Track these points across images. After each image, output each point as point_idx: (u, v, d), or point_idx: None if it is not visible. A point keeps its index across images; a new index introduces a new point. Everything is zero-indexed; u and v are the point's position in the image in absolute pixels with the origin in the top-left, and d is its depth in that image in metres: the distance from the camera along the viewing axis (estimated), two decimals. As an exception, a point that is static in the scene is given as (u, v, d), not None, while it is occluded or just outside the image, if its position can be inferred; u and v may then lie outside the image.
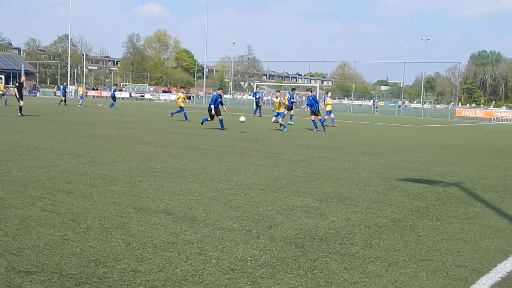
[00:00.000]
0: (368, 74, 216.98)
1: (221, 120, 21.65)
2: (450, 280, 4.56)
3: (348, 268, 4.77)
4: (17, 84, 26.65)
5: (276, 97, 24.04)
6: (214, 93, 22.42)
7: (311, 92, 25.11)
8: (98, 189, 7.84)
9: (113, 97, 44.09)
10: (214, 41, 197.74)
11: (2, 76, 73.24)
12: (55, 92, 77.29)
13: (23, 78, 27.36)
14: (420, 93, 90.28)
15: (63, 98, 43.16)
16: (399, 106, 66.44)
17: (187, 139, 16.48)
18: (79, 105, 40.92)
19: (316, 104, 24.06)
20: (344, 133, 22.76)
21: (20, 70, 73.35)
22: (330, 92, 29.70)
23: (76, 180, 8.49)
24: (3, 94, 38.27)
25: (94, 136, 16.23)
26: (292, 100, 30.41)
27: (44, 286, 4.04)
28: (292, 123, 28.59)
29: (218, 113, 21.70)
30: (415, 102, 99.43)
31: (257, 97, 39.40)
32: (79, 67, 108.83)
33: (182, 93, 30.59)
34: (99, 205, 6.81)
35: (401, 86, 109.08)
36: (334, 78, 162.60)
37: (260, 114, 37.16)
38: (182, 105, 28.67)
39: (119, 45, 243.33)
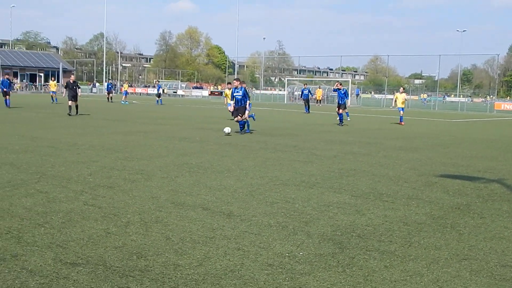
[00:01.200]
0: (401, 68, 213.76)
1: (240, 122, 17.61)
2: (495, 280, 4.48)
3: (387, 266, 4.76)
4: (65, 83, 25.83)
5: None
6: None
7: (342, 86, 25.07)
8: (137, 184, 8.02)
9: (159, 94, 44.12)
10: (244, 37, 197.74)
11: (42, 74, 74.95)
12: (91, 89, 78.60)
13: (72, 77, 25.14)
14: (456, 86, 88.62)
15: (109, 96, 43.76)
16: (424, 100, 65.06)
17: (220, 134, 16.61)
18: (122, 102, 41.59)
19: (345, 99, 24.21)
20: (378, 128, 22.56)
21: (58, 68, 74.78)
22: (402, 88, 28.26)
23: (116, 175, 8.69)
24: (54, 92, 39.04)
25: (130, 132, 16.52)
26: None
27: (90, 278, 4.19)
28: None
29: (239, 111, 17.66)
30: (452, 95, 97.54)
31: (305, 93, 37.55)
32: (113, 65, 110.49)
33: (228, 89, 30.66)
34: (139, 199, 6.97)
35: (436, 79, 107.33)
36: (366, 72, 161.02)
37: (308, 111, 35.35)
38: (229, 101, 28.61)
39: (152, 43, 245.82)
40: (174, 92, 76.08)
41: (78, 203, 6.67)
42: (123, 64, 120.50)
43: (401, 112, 25.99)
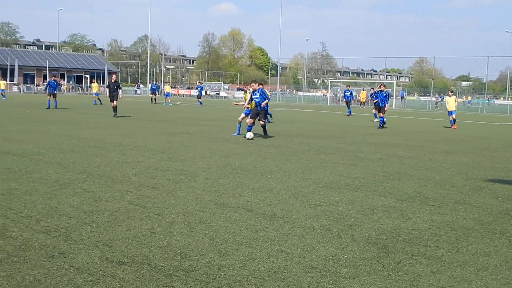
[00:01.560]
0: (448, 69, 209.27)
1: (262, 126, 16.62)
2: (543, 287, 4.33)
3: (434, 271, 4.65)
4: (107, 84, 26.18)
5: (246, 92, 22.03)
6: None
7: (385, 87, 24.51)
8: (180, 184, 8.09)
9: (200, 96, 44.72)
10: (287, 39, 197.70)
11: (87, 76, 76.84)
12: (136, 90, 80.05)
13: (113, 77, 25.25)
14: (506, 88, 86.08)
15: (153, 97, 44.40)
16: (468, 102, 62.90)
17: (263, 136, 16.61)
18: (164, 103, 42.16)
19: (386, 102, 23.51)
20: (423, 131, 22.14)
21: (104, 70, 76.53)
22: (450, 91, 26.79)
23: (160, 175, 8.80)
24: (97, 94, 39.71)
25: (174, 133, 16.72)
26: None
27: (135, 276, 4.24)
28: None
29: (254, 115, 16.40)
30: (501, 98, 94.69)
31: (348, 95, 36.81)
32: (157, 66, 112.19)
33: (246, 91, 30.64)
34: (182, 200, 7.03)
35: (484, 81, 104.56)
36: (411, 74, 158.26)
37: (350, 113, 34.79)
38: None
39: (195, 44, 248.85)
40: (216, 93, 76.68)
41: (123, 202, 6.78)
42: (167, 66, 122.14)
43: (453, 115, 24.72)
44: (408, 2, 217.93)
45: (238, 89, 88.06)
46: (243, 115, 16.67)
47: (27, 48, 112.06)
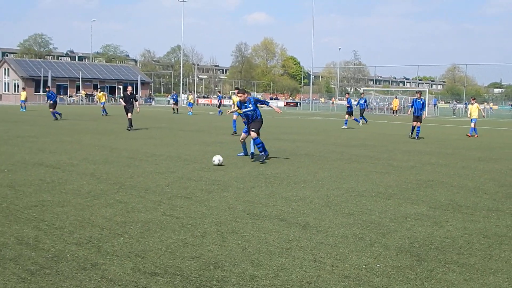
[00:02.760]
0: (481, 77, 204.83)
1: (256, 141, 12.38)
2: None
3: (467, 279, 4.56)
4: (121, 95, 25.58)
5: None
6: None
7: (421, 95, 22.94)
8: (213, 194, 8.13)
9: (219, 104, 45.15)
10: (319, 47, 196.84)
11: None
12: (169, 100, 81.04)
13: (129, 89, 23.82)
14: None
15: (175, 107, 44.82)
16: (456, 105, 61.02)
17: (296, 145, 16.59)
18: (189, 113, 42.46)
19: (423, 110, 21.76)
20: (456, 138, 21.74)
21: (137, 80, 77.72)
22: (473, 99, 25.65)
23: (193, 185, 8.86)
24: (103, 103, 39.69)
25: (207, 143, 16.82)
26: (347, 105, 28.64)
27: None
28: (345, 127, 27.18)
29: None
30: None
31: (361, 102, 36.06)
32: (190, 76, 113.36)
33: (236, 95, 30.19)
34: (215, 210, 7.06)
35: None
36: (443, 82, 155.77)
37: (365, 120, 33.48)
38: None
39: (228, 54, 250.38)
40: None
41: (156, 213, 6.84)
42: (200, 76, 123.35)
43: (473, 123, 23.74)
44: (441, 9, 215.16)
45: (271, 99, 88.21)
46: (243, 134, 12.91)
47: (60, 59, 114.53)
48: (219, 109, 43.88)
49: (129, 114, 22.64)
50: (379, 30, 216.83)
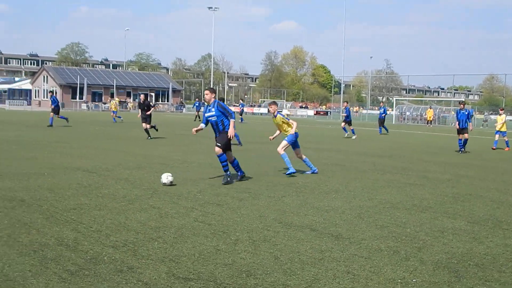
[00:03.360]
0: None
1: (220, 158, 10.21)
2: None
3: (509, 298, 4.43)
4: (138, 103, 24.27)
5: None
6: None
7: (464, 106, 21.58)
8: (244, 202, 8.12)
9: (241, 112, 45.35)
10: (350, 56, 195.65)
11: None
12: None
13: (142, 97, 22.75)
14: None
15: (198, 114, 45.02)
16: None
17: (327, 155, 16.49)
18: None
19: (468, 121, 20.34)
20: (496, 151, 21.27)
21: (168, 88, 78.58)
22: (501, 109, 23.92)
23: (224, 193, 8.87)
24: (115, 112, 39.69)
25: (237, 150, 16.81)
26: (343, 114, 28.09)
27: (201, 294, 4.26)
28: (348, 136, 26.61)
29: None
30: None
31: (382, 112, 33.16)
32: (220, 84, 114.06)
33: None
34: (247, 218, 7.04)
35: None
36: (480, 92, 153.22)
37: (386, 130, 31.85)
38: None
39: (258, 62, 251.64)
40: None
41: (188, 219, 6.86)
42: (230, 84, 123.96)
43: (497, 136, 22.39)
44: (477, 17, 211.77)
45: (301, 107, 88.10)
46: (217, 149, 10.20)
47: (96, 67, 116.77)
48: (240, 117, 44.12)
49: (144, 124, 21.12)
50: (412, 38, 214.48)
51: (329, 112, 76.82)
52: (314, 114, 72.23)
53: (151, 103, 23.25)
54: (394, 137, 28.80)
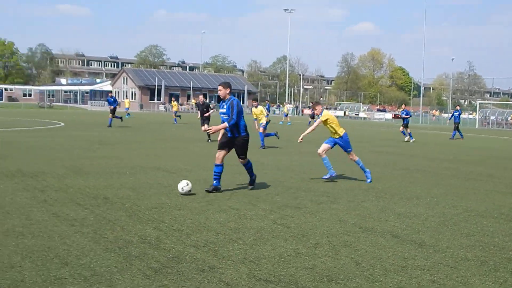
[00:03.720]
0: None
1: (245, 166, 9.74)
2: None
3: None
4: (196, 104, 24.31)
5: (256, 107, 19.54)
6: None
7: None
8: (323, 206, 8.04)
9: (313, 115, 44.93)
10: (430, 58, 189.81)
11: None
12: (274, 110, 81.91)
13: (201, 98, 21.99)
14: None
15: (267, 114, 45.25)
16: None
17: (407, 159, 16.06)
18: (288, 123, 42.84)
19: None
20: None
21: (244, 90, 79.48)
22: None
23: (302, 196, 8.83)
24: (127, 108, 40.80)
25: (314, 153, 16.69)
26: (405, 116, 26.01)
27: (282, 297, 4.24)
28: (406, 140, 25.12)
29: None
30: None
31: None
32: (295, 87, 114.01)
33: (254, 106, 27.05)
34: (326, 222, 6.97)
35: None
36: None
37: (461, 135, 28.86)
38: None
39: (333, 65, 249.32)
40: (356, 114, 75.90)
41: (267, 221, 6.87)
42: (305, 86, 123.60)
43: None
44: None
45: (378, 110, 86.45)
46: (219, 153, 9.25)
47: (173, 69, 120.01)
48: (311, 120, 43.88)
49: (203, 127, 19.19)
50: (496, 39, 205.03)
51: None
52: (392, 118, 70.48)
53: (210, 105, 22.45)
54: (477, 143, 27.65)
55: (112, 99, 28.63)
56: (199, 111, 21.46)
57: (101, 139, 19.52)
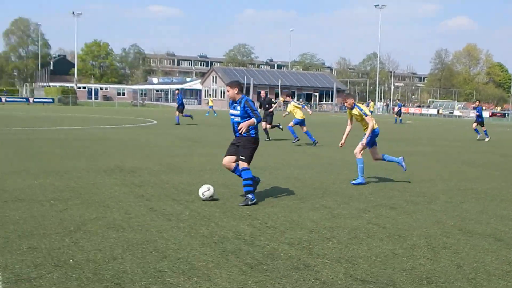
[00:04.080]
0: None
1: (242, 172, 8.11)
2: None
3: None
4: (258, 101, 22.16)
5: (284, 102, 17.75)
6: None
7: None
8: (419, 206, 7.80)
9: (399, 113, 43.51)
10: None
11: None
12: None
13: (263, 93, 20.80)
14: None
15: None
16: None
17: (507, 159, 15.21)
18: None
19: None
20: None
21: (332, 88, 78.72)
22: None
23: (397, 195, 8.61)
24: (211, 107, 41.90)
25: (409, 152, 16.21)
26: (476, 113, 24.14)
27: (381, 298, 4.16)
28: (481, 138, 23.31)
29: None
30: None
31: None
32: (386, 84, 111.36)
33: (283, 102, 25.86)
34: (423, 223, 6.75)
35: None
36: None
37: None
38: None
39: (426, 61, 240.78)
40: (450, 112, 72.96)
41: (362, 221, 6.77)
42: (396, 84, 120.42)
43: None
44: None
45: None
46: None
47: (261, 67, 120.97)
48: (395, 117, 42.65)
49: (264, 124, 18.72)
50: None
51: (506, 114, 70.91)
52: (490, 116, 67.07)
53: (272, 100, 20.92)
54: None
55: (180, 98, 28.42)
56: (262, 108, 19.99)
57: (192, 136, 20.08)
